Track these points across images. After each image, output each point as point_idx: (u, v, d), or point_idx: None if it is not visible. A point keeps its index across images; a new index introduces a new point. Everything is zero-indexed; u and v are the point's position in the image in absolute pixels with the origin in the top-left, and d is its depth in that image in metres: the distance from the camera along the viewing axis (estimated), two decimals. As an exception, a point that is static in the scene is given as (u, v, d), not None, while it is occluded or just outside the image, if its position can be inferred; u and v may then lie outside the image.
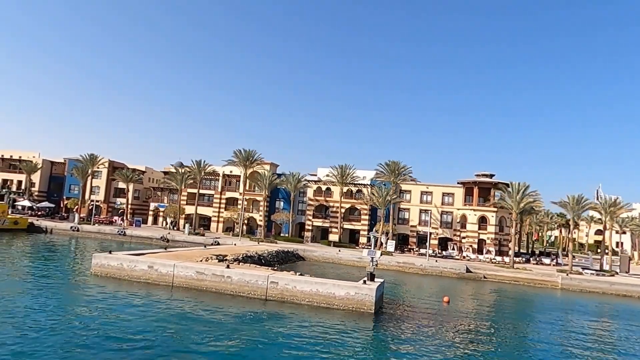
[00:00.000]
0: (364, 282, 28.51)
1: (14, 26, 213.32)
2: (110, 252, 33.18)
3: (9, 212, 69.72)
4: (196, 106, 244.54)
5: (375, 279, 29.81)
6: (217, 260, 35.49)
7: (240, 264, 35.37)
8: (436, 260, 57.12)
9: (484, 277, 53.33)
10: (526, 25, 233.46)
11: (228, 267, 30.59)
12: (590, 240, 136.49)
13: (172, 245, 62.42)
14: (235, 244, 55.92)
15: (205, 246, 52.33)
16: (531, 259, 70.25)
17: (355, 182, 73.45)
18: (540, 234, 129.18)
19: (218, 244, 61.07)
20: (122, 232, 65.14)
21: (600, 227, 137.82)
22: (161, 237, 63.95)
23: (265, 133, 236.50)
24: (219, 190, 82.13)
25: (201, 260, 34.74)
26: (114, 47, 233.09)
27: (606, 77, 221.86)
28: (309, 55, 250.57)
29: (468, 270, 53.98)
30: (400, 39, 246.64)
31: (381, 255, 35.06)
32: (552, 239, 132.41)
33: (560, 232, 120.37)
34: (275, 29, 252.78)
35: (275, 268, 35.22)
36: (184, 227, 75.97)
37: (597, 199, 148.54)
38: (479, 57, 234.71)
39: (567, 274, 52.69)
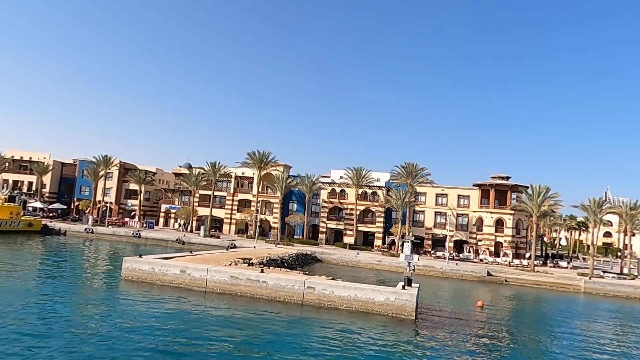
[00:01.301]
0: (403, 287, 28.05)
1: (22, 28, 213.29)
2: (140, 256, 32.72)
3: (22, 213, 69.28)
4: (201, 108, 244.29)
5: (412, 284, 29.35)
6: (246, 264, 35.07)
7: (271, 268, 34.91)
8: (456, 264, 56.64)
9: (506, 281, 52.86)
10: (529, 23, 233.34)
11: (262, 271, 30.13)
12: (598, 242, 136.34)
13: (188, 247, 62.03)
14: (255, 247, 55.38)
15: (227, 249, 51.87)
16: (548, 261, 69.81)
17: (371, 184, 73.00)
18: (550, 236, 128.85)
19: (235, 246, 60.55)
20: (137, 234, 64.67)
21: (609, 229, 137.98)
22: (177, 240, 63.51)
23: (269, 134, 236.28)
24: (231, 192, 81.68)
25: (231, 264, 34.32)
26: (117, 47, 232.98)
27: (607, 77, 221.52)
28: (316, 57, 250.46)
29: (489, 274, 53.51)
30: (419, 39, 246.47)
31: (418, 259, 34.40)
32: (562, 241, 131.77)
33: (571, 234, 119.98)
34: (278, 27, 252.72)
35: (307, 272, 34.71)
36: (197, 229, 75.68)
37: (606, 200, 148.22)
38: (491, 55, 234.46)
39: (590, 278, 52.22)
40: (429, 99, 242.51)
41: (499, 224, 68.29)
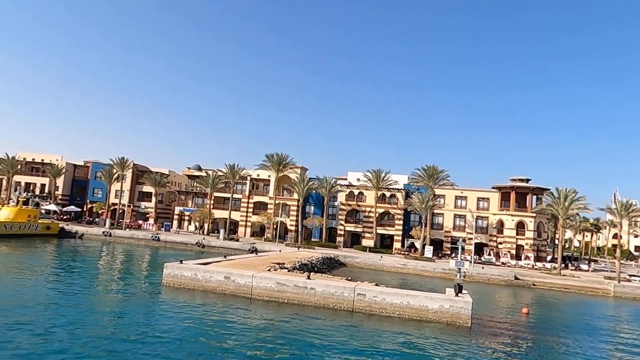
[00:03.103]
0: (456, 294, 27.46)
1: (24, 31, 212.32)
2: (181, 261, 32.07)
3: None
4: (201, 108, 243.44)
5: (460, 290, 28.74)
6: (286, 270, 34.49)
7: (316, 274, 34.29)
8: (482, 267, 56.05)
9: (533, 285, 52.29)
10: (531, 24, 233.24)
11: (309, 277, 29.53)
12: (608, 244, 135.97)
13: (208, 251, 61.48)
14: (280, 251, 54.75)
15: (256, 253, 51.33)
16: (568, 264, 69.26)
17: (390, 187, 72.45)
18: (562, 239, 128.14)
19: (256, 249, 59.94)
20: (156, 237, 63.96)
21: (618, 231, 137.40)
22: (196, 243, 62.81)
23: (270, 133, 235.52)
24: (247, 194, 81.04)
25: (271, 270, 33.74)
26: (115, 47, 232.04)
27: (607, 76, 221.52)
28: (316, 57, 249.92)
29: (516, 278, 52.93)
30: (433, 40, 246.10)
31: (469, 266, 33.66)
32: (574, 243, 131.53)
33: (583, 236, 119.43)
34: (277, 27, 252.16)
35: (349, 278, 34.09)
36: (212, 232, 75.00)
37: (614, 202, 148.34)
38: (504, 56, 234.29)
39: (619, 281, 51.72)
40: (428, 99, 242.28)
41: (520, 226, 67.79)
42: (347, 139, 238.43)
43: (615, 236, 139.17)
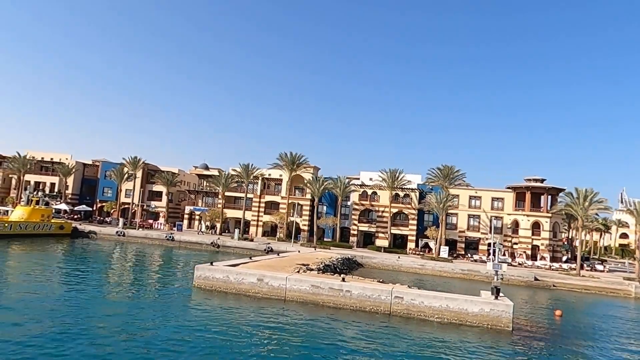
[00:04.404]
0: (495, 297, 27.06)
1: (22, 30, 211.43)
2: (211, 263, 31.69)
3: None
4: (201, 108, 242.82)
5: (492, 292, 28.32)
6: (315, 272, 34.09)
7: (347, 276, 33.79)
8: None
9: (553, 286, 51.97)
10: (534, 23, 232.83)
11: (343, 280, 29.12)
12: (615, 243, 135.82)
13: (223, 251, 61.09)
14: (299, 251, 54.35)
15: (277, 254, 50.55)
16: (583, 265, 68.87)
17: (404, 187, 72.05)
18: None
19: (271, 250, 59.58)
20: (170, 237, 63.48)
21: (625, 230, 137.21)
22: (211, 243, 62.38)
23: (268, 134, 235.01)
24: (258, 193, 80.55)
25: (298, 271, 33.31)
26: (113, 46, 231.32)
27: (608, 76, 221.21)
28: (316, 57, 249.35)
29: (536, 279, 52.60)
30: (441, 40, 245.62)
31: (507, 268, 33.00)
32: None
33: (591, 236, 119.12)
34: (274, 25, 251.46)
35: (381, 280, 33.67)
36: (224, 232, 74.59)
37: (621, 202, 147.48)
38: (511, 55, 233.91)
39: (640, 282, 51.46)
40: (428, 99, 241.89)
41: (535, 226, 67.45)
42: (347, 138, 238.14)
43: (622, 236, 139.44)
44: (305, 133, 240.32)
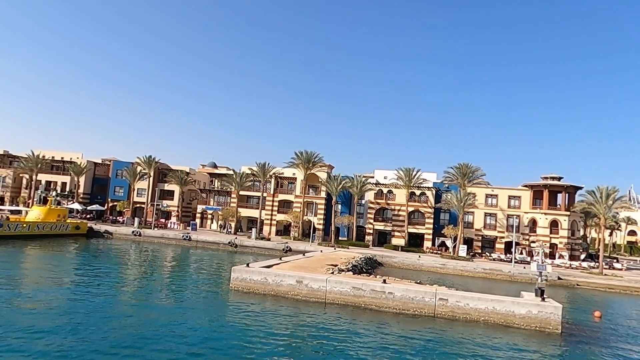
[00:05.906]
0: (542, 299, 26.65)
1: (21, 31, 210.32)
2: (247, 265, 31.23)
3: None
4: (200, 108, 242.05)
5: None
6: (349, 272, 33.68)
7: (383, 277, 33.37)
8: (524, 267, 55.27)
9: (577, 285, 51.57)
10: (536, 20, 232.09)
11: (385, 281, 28.70)
12: (624, 241, 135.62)
13: (242, 250, 60.64)
14: (321, 251, 53.93)
15: (303, 253, 49.99)
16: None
17: (421, 185, 71.64)
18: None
19: (290, 249, 59.23)
20: (187, 237, 62.98)
21: (634, 227, 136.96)
22: (229, 242, 61.93)
23: (270, 134, 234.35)
24: (271, 192, 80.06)
25: (332, 272, 32.98)
26: (110, 45, 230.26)
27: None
28: (326, 58, 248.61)
29: (559, 278, 52.21)
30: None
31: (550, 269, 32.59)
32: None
33: (598, 233, 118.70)
34: (273, 25, 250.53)
35: (419, 281, 33.27)
36: (237, 231, 74.05)
37: (630, 199, 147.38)
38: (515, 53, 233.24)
39: (664, 282, 51.05)
40: (426, 98, 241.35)
41: (554, 225, 67.09)
42: (352, 138, 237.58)
43: (630, 233, 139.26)
44: (315, 131, 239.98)
